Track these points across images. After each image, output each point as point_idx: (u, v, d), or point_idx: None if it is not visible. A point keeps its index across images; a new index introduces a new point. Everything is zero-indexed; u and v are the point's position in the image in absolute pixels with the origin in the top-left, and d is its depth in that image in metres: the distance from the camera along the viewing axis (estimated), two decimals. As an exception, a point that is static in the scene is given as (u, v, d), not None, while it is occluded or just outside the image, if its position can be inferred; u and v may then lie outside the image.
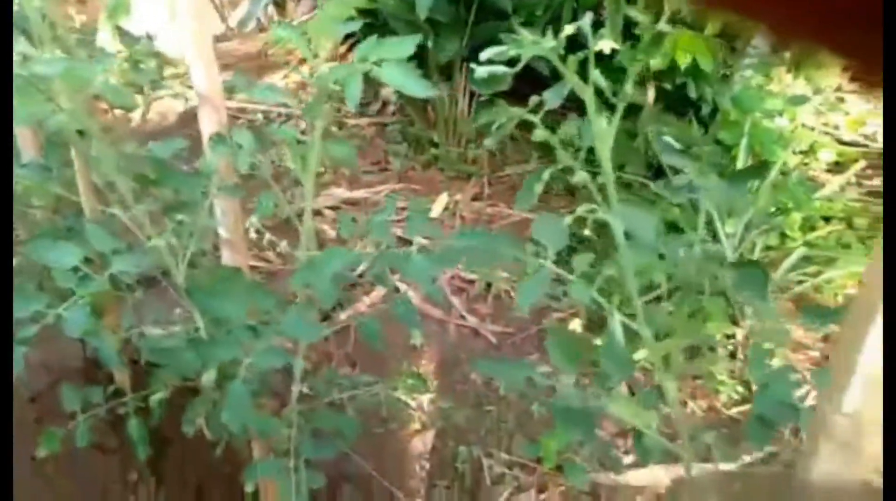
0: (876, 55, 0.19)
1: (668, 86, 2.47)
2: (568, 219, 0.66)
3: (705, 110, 2.44)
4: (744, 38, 2.48)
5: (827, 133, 2.75)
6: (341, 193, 2.77)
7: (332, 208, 2.66)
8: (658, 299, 0.68)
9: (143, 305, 1.57)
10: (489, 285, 2.35)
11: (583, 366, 0.82)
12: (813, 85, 2.83)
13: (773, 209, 2.25)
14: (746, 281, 0.62)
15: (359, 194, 2.71)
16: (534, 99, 0.71)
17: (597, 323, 2.18)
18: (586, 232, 0.63)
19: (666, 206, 2.19)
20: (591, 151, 0.73)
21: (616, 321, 0.66)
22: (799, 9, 0.19)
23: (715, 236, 2.22)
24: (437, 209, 2.63)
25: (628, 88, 0.61)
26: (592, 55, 0.61)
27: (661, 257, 0.62)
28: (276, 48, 3.39)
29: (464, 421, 1.94)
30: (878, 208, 2.46)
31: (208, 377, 0.91)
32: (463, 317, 2.25)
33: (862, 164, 2.54)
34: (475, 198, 2.71)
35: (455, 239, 0.79)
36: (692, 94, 2.41)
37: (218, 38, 3.65)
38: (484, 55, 0.64)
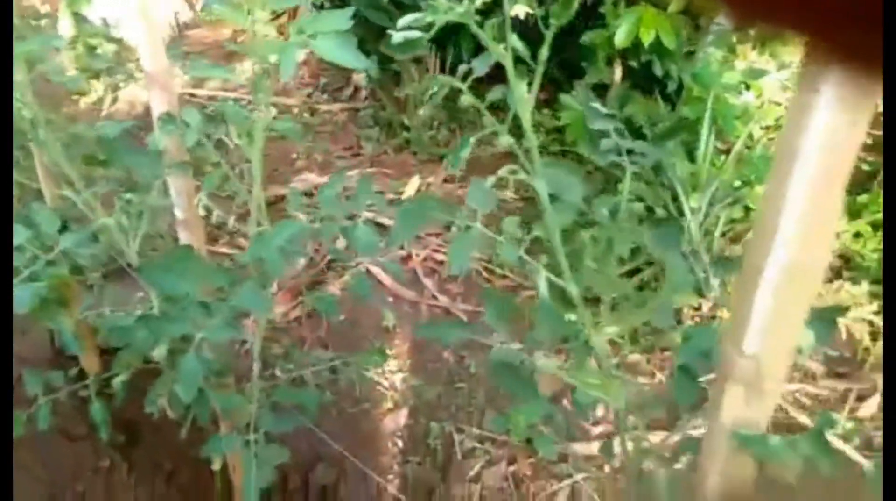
0: (875, 55, 0.18)
1: (634, 64, 2.49)
2: (490, 180, 0.69)
3: (671, 87, 2.46)
4: (707, 15, 2.50)
5: (792, 108, 2.79)
6: (314, 178, 2.78)
7: (304, 193, 2.66)
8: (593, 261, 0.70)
9: (108, 292, 1.58)
10: (461, 266, 2.37)
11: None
12: (778, 61, 2.86)
13: (737, 183, 2.29)
14: (661, 238, 0.64)
15: (330, 178, 2.72)
16: (463, 67, 0.73)
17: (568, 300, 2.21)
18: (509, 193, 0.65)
19: (634, 181, 2.22)
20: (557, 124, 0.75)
21: (542, 278, 0.69)
22: (798, 8, 0.18)
23: (681, 211, 2.26)
24: (409, 192, 2.65)
25: (544, 52, 0.63)
26: (509, 20, 0.63)
27: (584, 221, 0.64)
28: (246, 35, 3.37)
29: (435, 398, 1.97)
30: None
31: (159, 352, 0.93)
32: (435, 297, 2.28)
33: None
34: (447, 180, 2.73)
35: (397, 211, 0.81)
36: (657, 71, 2.43)
37: (188, 26, 3.62)
38: (402, 22, 0.66)
